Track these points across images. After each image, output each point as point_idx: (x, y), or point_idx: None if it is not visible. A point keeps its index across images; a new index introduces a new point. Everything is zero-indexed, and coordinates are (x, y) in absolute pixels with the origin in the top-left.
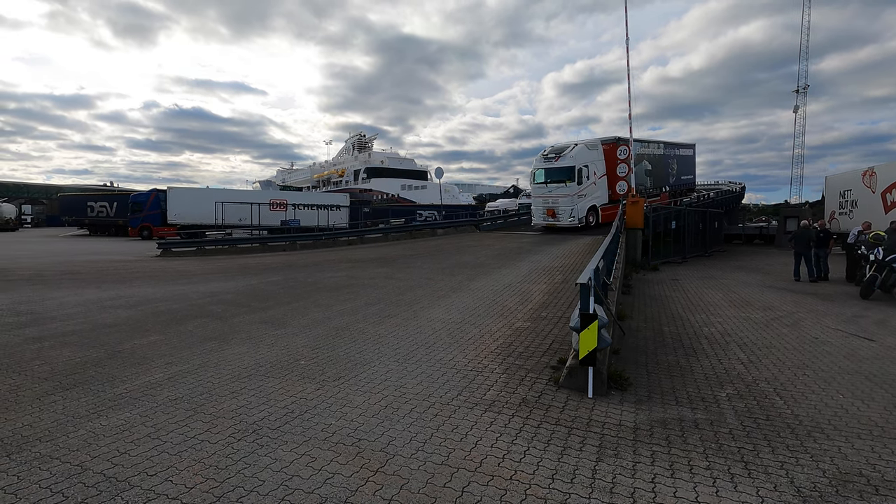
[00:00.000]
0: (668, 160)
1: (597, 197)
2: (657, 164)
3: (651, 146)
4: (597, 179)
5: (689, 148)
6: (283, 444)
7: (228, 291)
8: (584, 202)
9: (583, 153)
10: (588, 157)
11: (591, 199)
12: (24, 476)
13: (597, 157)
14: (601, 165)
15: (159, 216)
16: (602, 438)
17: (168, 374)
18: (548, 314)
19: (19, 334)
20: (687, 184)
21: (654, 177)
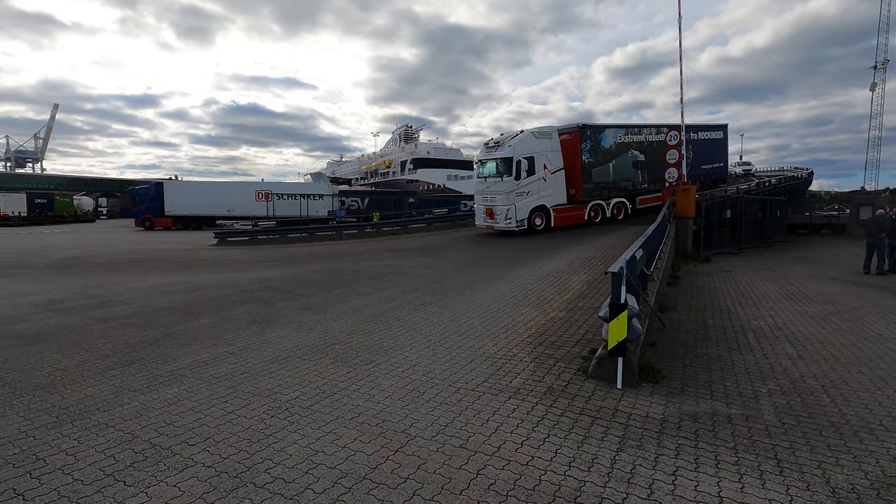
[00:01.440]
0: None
1: (547, 195)
2: (655, 154)
3: (645, 132)
4: (547, 174)
5: (716, 130)
6: (311, 423)
7: (275, 279)
8: (526, 201)
9: (526, 143)
10: (534, 147)
11: (536, 197)
12: (83, 440)
13: (548, 148)
14: (555, 158)
15: (159, 208)
16: (626, 429)
17: (214, 354)
18: (584, 304)
19: (89, 315)
20: (713, 173)
21: (649, 169)
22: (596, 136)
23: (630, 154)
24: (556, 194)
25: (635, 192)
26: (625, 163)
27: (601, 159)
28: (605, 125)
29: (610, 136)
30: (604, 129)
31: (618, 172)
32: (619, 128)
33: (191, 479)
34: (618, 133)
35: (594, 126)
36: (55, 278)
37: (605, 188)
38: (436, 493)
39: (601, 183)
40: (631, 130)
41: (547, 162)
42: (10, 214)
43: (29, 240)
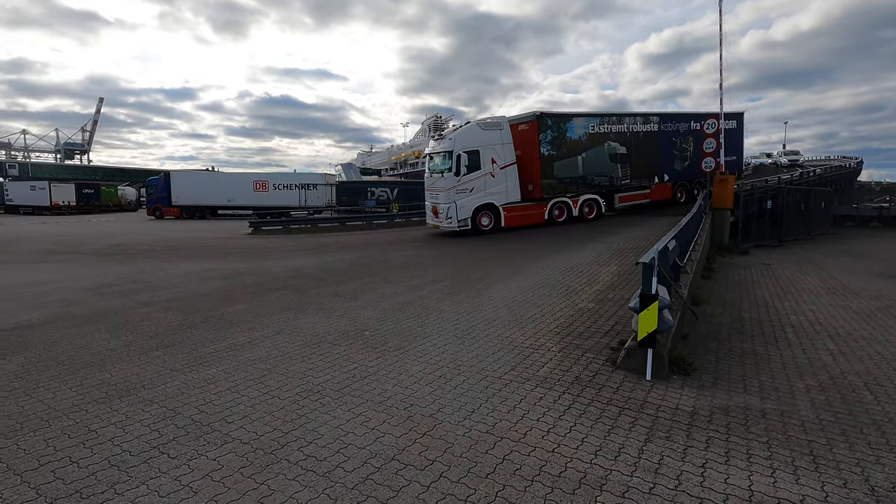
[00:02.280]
0: (672, 139)
1: (495, 192)
2: (642, 146)
3: (627, 122)
4: (496, 169)
5: (729, 119)
6: (342, 405)
7: (307, 267)
8: (469, 199)
9: (470, 134)
10: (479, 139)
11: (482, 195)
12: (130, 415)
13: (496, 141)
14: (506, 151)
15: (167, 198)
16: (655, 421)
17: (250, 338)
18: (614, 296)
19: (134, 299)
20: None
21: (632, 163)
22: (559, 127)
23: (606, 146)
24: (507, 191)
25: (613, 188)
26: (598, 156)
27: (566, 152)
28: (572, 114)
29: (579, 126)
30: (570, 119)
31: (589, 166)
32: (592, 117)
33: (229, 455)
34: (590, 123)
35: (556, 115)
36: (102, 264)
37: (571, 184)
38: (462, 476)
39: (566, 178)
40: (608, 120)
41: (495, 156)
42: (60, 203)
43: (78, 227)
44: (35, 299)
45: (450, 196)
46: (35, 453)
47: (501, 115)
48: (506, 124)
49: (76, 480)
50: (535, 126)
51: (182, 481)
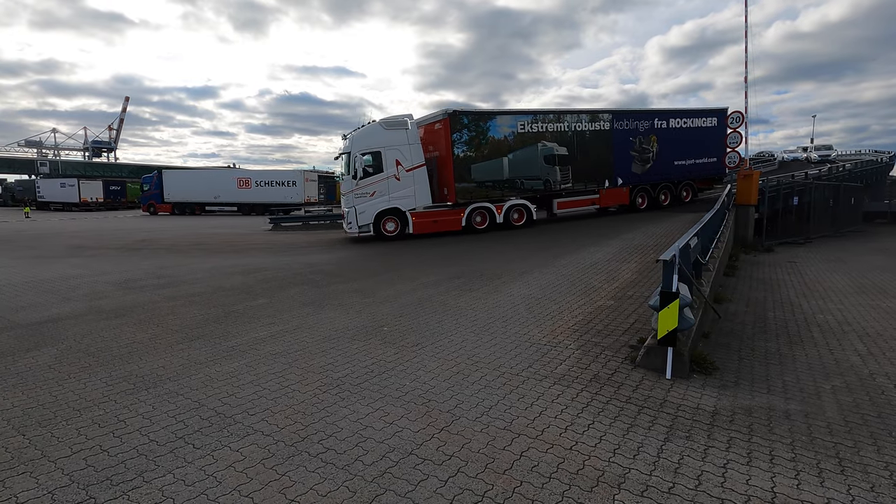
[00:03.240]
0: (629, 138)
1: (401, 197)
2: (588, 147)
3: (568, 119)
4: (402, 172)
5: (706, 116)
6: (361, 399)
7: (326, 262)
8: (370, 203)
9: (370, 135)
10: (381, 140)
11: (386, 199)
12: (157, 406)
13: (402, 141)
14: (413, 152)
15: (160, 195)
16: (674, 420)
17: (270, 333)
18: (634, 293)
19: (159, 294)
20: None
21: (575, 165)
22: (479, 125)
23: (540, 147)
24: (416, 195)
25: (551, 192)
26: (529, 157)
27: (488, 153)
28: (494, 111)
29: (503, 124)
30: (492, 117)
31: (518, 169)
32: (521, 114)
33: (251, 446)
34: (518, 121)
35: (474, 113)
36: (129, 259)
37: (495, 188)
38: (479, 472)
39: (488, 182)
40: (543, 118)
41: (401, 157)
42: (88, 200)
43: (105, 223)
44: (66, 293)
45: (349, 200)
46: (68, 441)
47: (408, 114)
48: (413, 123)
49: (107, 468)
50: (447, 125)
51: (207, 471)
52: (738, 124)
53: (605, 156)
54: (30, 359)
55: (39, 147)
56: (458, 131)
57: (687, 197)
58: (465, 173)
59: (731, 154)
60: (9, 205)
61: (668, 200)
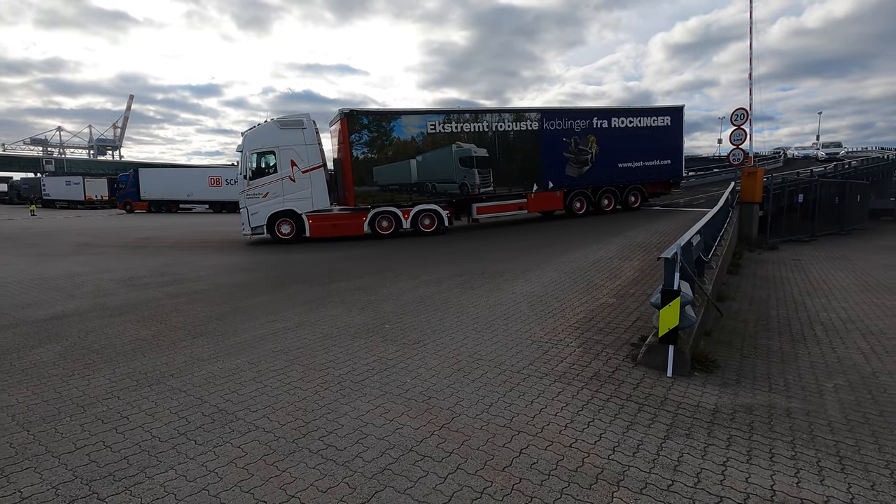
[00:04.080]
0: (562, 139)
1: (297, 198)
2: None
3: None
4: (297, 173)
5: (659, 115)
6: (361, 396)
7: (330, 260)
8: (263, 205)
9: (264, 134)
10: (276, 139)
11: (280, 200)
12: (160, 402)
13: (299, 141)
14: (310, 152)
15: (136, 193)
16: (675, 418)
17: (272, 330)
18: (636, 291)
19: (163, 291)
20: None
21: (497, 168)
22: (382, 126)
23: (455, 148)
24: (314, 197)
25: (469, 196)
26: (443, 159)
27: (393, 155)
28: (398, 111)
29: (410, 124)
30: (397, 117)
31: (429, 171)
32: (431, 114)
33: (253, 442)
34: (428, 121)
35: (375, 112)
36: (133, 257)
37: (401, 191)
38: (479, 469)
39: (393, 185)
40: (458, 118)
41: (296, 158)
42: (94, 198)
43: (110, 221)
44: (71, 290)
45: (242, 201)
46: (72, 437)
47: (306, 113)
48: (310, 123)
49: (110, 463)
50: (345, 126)
51: (208, 467)
52: (742, 121)
53: (534, 158)
54: (34, 355)
55: (45, 145)
56: (357, 132)
57: (635, 202)
58: (365, 176)
59: (735, 151)
60: (14, 203)
61: (612, 205)
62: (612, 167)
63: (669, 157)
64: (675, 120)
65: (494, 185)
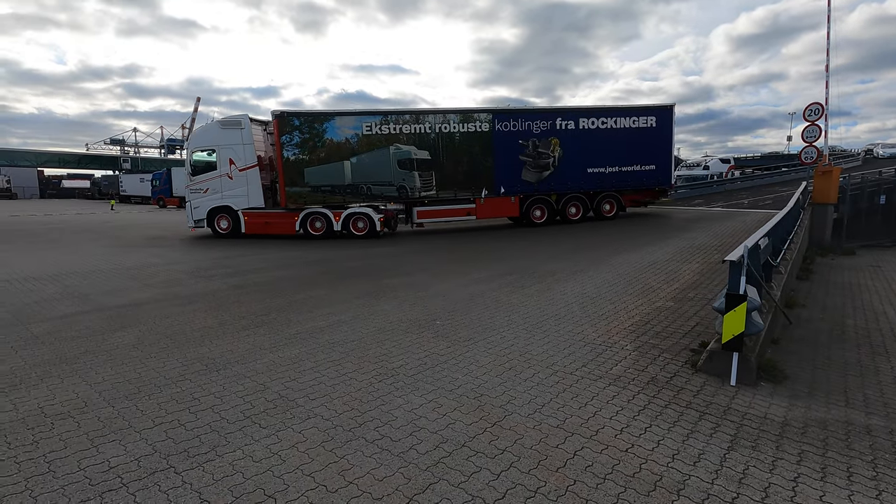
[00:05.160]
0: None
1: (233, 196)
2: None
3: (431, 120)
4: (234, 171)
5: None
6: (414, 390)
7: (381, 255)
8: (204, 199)
9: (207, 134)
10: (217, 139)
11: (218, 196)
12: (226, 387)
13: (237, 140)
14: (247, 152)
15: (169, 189)
16: (739, 428)
17: (329, 322)
18: (695, 295)
19: (226, 282)
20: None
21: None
22: (314, 127)
23: (393, 150)
24: (249, 195)
25: (408, 200)
26: (379, 161)
27: (326, 156)
28: (331, 112)
29: (345, 125)
30: (330, 118)
31: (364, 173)
32: (367, 115)
33: (312, 429)
34: (363, 122)
35: (306, 113)
36: (198, 249)
37: (334, 193)
38: (532, 468)
39: (325, 186)
40: (396, 119)
41: (234, 157)
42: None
43: (176, 216)
44: (146, 279)
45: (186, 195)
46: (150, 414)
47: (245, 114)
48: (248, 123)
49: (184, 441)
50: (276, 127)
51: (272, 449)
52: (816, 117)
53: (484, 161)
54: (116, 338)
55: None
56: (289, 133)
57: (610, 211)
58: (296, 177)
59: (808, 149)
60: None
61: (580, 214)
62: (580, 172)
63: (654, 161)
64: (662, 121)
65: (438, 189)
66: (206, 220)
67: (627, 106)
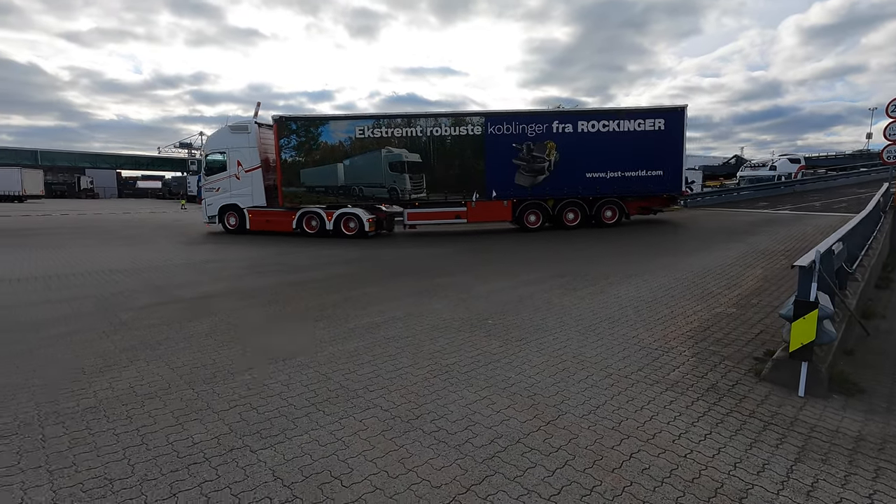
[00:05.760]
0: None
1: (240, 195)
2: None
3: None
4: (241, 172)
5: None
6: (468, 386)
7: (428, 255)
8: (216, 197)
9: (219, 138)
10: (227, 141)
11: (228, 195)
12: (292, 375)
13: (244, 143)
14: (252, 155)
15: None
16: (808, 441)
17: (383, 318)
18: (760, 302)
19: (285, 278)
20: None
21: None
22: (310, 131)
23: (385, 153)
24: (253, 194)
25: (399, 202)
26: (371, 163)
27: (321, 158)
28: (326, 116)
29: (338, 129)
30: (325, 122)
31: (356, 175)
32: (360, 119)
33: (372, 419)
34: (356, 125)
35: (303, 118)
36: (253, 247)
37: (327, 194)
38: (587, 467)
39: (319, 187)
40: (388, 122)
41: (241, 159)
42: None
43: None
44: (213, 274)
45: (202, 193)
46: (226, 397)
47: (251, 119)
48: (254, 128)
49: (256, 423)
50: (276, 130)
51: (336, 435)
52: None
53: (475, 164)
54: (192, 327)
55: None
56: (286, 136)
57: (612, 218)
58: (293, 178)
59: (891, 147)
60: (166, 198)
61: (578, 220)
62: (577, 177)
63: (662, 166)
64: (672, 123)
65: (428, 192)
66: (217, 216)
67: (632, 108)
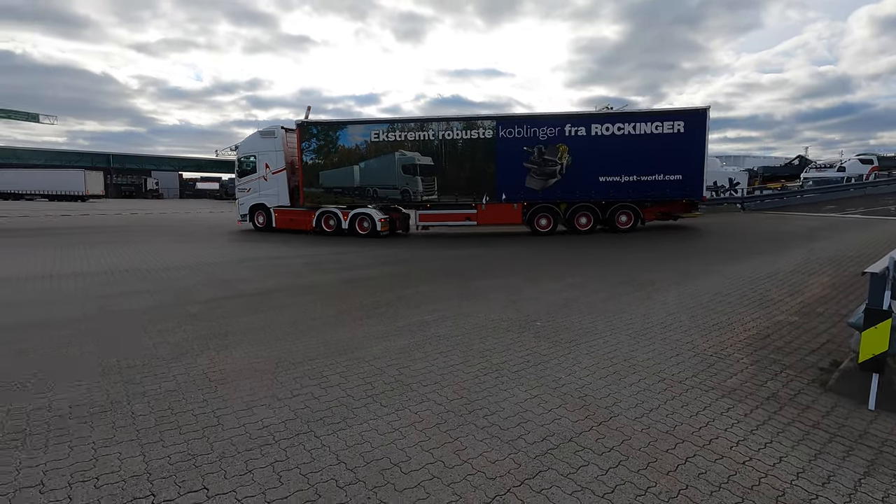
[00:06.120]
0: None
1: (267, 195)
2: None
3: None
4: (269, 174)
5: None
6: (519, 385)
7: (473, 256)
8: (248, 197)
9: (251, 142)
10: (258, 146)
11: (257, 195)
12: (349, 368)
13: (271, 147)
14: (278, 157)
15: None
16: (878, 454)
17: (434, 317)
18: (826, 311)
19: (339, 276)
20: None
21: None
22: (329, 135)
23: (398, 156)
24: (279, 195)
25: (411, 203)
26: (385, 166)
27: (338, 161)
28: (345, 121)
29: (355, 133)
30: (343, 126)
31: (371, 177)
32: (376, 123)
33: (427, 412)
34: (372, 130)
35: (323, 123)
36: (307, 246)
37: (344, 194)
38: (641, 468)
39: (337, 188)
40: (402, 126)
41: (269, 161)
42: None
43: None
44: (270, 270)
45: (235, 193)
46: (289, 387)
47: (278, 124)
48: (280, 133)
49: (319, 410)
50: (298, 134)
51: (393, 426)
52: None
53: (486, 168)
54: (255, 319)
55: None
56: (307, 140)
57: (627, 223)
58: (313, 179)
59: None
60: (223, 198)
61: (591, 225)
62: (590, 181)
63: (681, 171)
64: (693, 126)
65: (439, 194)
66: (248, 214)
67: (652, 110)
